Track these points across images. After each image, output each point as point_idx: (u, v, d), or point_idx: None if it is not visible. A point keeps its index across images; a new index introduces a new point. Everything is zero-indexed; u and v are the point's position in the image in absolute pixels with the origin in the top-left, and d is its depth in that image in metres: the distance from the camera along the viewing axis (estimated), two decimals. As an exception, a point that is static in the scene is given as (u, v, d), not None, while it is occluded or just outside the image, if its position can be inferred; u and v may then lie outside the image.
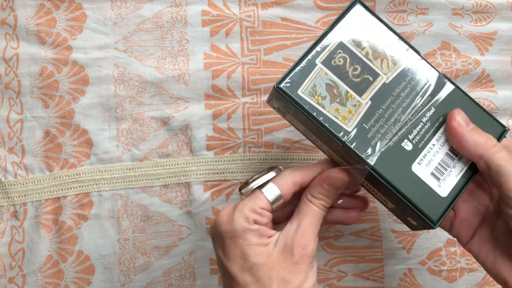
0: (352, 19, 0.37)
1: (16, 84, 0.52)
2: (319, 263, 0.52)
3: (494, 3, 0.53)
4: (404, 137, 0.36)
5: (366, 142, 0.35)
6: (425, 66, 0.37)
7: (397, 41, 0.38)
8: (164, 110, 0.52)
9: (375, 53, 0.36)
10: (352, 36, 0.36)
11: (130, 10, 0.52)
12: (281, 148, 0.53)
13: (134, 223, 0.52)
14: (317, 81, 0.35)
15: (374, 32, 0.37)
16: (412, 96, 0.36)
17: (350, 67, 0.36)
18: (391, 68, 0.36)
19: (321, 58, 0.36)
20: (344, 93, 0.35)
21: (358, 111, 0.35)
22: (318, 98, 0.35)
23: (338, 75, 0.36)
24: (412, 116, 0.36)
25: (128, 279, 0.52)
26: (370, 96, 0.36)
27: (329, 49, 0.36)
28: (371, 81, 0.36)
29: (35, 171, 0.52)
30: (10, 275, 0.51)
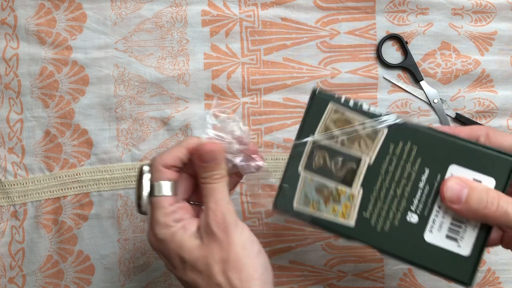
0: (316, 111, 0.36)
1: (16, 84, 0.52)
2: (319, 263, 0.52)
3: (494, 3, 0.53)
4: (407, 210, 0.35)
5: (372, 230, 0.35)
6: (404, 126, 0.35)
7: (362, 114, 0.36)
8: (164, 110, 0.52)
9: (349, 138, 0.35)
10: (322, 130, 0.36)
11: (130, 10, 0.52)
12: (281, 148, 0.53)
13: (134, 223, 0.52)
14: (307, 189, 0.36)
15: (338, 116, 0.36)
16: (401, 166, 0.35)
17: (331, 162, 0.36)
18: (369, 146, 0.35)
19: (302, 165, 0.36)
20: (334, 191, 0.36)
21: (353, 203, 0.35)
22: (313, 205, 0.36)
23: (323, 175, 0.36)
24: (407, 186, 0.35)
25: (128, 279, 0.52)
26: (360, 183, 0.35)
27: (305, 153, 0.36)
28: (355, 168, 0.35)
29: (35, 171, 0.52)
30: (10, 275, 0.51)
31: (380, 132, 0.35)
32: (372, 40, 0.53)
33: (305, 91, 0.53)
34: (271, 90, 0.53)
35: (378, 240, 0.35)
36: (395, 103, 0.53)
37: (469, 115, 0.53)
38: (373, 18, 0.53)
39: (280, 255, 0.52)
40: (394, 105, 0.53)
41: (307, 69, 0.53)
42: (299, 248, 0.52)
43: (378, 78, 0.53)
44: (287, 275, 0.52)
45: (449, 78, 0.53)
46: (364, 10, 0.53)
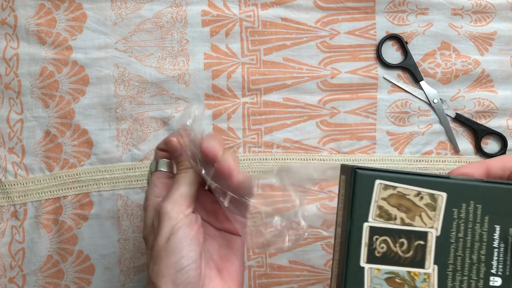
0: (362, 193, 0.31)
1: (16, 84, 0.52)
2: (318, 263, 0.52)
3: (494, 3, 0.53)
4: (488, 275, 0.31)
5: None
6: (460, 187, 0.32)
7: (419, 183, 0.32)
8: (164, 110, 0.52)
9: (408, 214, 0.31)
10: (376, 212, 0.31)
11: (130, 10, 0.52)
12: (281, 148, 0.53)
13: (134, 223, 0.52)
14: (376, 283, 0.30)
15: (390, 192, 0.31)
16: (470, 229, 0.32)
17: (396, 246, 0.31)
18: (432, 217, 0.31)
19: (364, 258, 0.31)
20: (407, 276, 0.31)
21: (431, 284, 0.31)
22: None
23: (390, 262, 0.31)
24: (482, 250, 0.32)
25: (128, 279, 0.52)
26: (433, 261, 0.31)
27: (364, 243, 0.31)
28: (423, 244, 0.31)
29: (35, 171, 0.52)
30: (10, 275, 0.51)
31: (440, 199, 0.31)
32: (372, 40, 0.53)
33: (305, 91, 0.53)
34: (271, 90, 0.53)
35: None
36: (395, 103, 0.53)
37: (469, 115, 0.53)
38: (373, 18, 0.53)
39: (280, 255, 0.52)
40: (394, 105, 0.53)
41: (307, 69, 0.53)
42: (299, 248, 0.52)
43: (378, 78, 0.53)
44: (287, 275, 0.52)
45: (449, 78, 0.53)
46: (364, 10, 0.53)
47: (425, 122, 0.53)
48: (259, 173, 0.48)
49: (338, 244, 0.32)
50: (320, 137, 0.53)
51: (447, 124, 0.53)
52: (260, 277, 0.52)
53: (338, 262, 0.31)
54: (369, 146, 0.53)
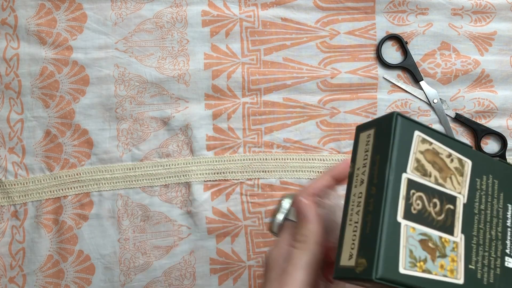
0: (402, 141, 0.29)
1: (17, 84, 0.52)
2: (319, 263, 0.52)
3: (493, 3, 0.53)
4: (504, 255, 0.31)
5: (480, 285, 0.30)
6: (481, 158, 0.31)
7: (449, 144, 0.31)
8: (164, 110, 0.52)
9: (442, 174, 0.30)
10: (414, 165, 0.29)
11: (131, 10, 0.52)
12: (281, 148, 0.53)
13: (134, 223, 0.52)
14: (411, 244, 0.27)
15: (427, 147, 0.30)
16: (490, 204, 0.31)
17: (430, 205, 0.29)
18: (461, 182, 0.30)
19: (401, 212, 0.28)
20: (439, 241, 0.29)
21: (459, 254, 0.29)
22: (421, 265, 0.28)
23: (424, 223, 0.28)
24: (499, 226, 0.31)
25: (128, 278, 0.52)
26: (460, 229, 0.30)
27: (402, 196, 0.28)
28: (453, 210, 0.30)
29: (36, 171, 0.52)
30: (10, 275, 0.51)
31: (466, 165, 0.30)
32: (372, 40, 0.53)
33: (305, 91, 0.53)
34: (271, 90, 0.53)
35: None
36: (395, 103, 0.53)
37: (469, 115, 0.53)
38: (373, 18, 0.53)
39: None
40: (394, 105, 0.53)
41: (307, 69, 0.53)
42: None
43: (378, 78, 0.53)
44: (287, 275, 0.52)
45: (448, 78, 0.53)
46: (364, 11, 0.53)
47: (425, 122, 0.53)
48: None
49: (363, 203, 0.29)
50: (320, 137, 0.53)
51: (447, 124, 0.53)
52: (260, 277, 0.52)
53: (370, 218, 0.28)
54: (369, 146, 0.53)
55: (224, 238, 0.52)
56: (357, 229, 0.29)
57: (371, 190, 0.29)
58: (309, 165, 0.52)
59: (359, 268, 0.27)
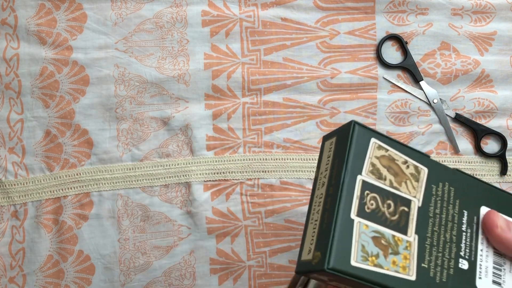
0: (358, 146, 0.31)
1: (17, 84, 0.52)
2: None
3: (493, 3, 0.53)
4: (458, 257, 0.32)
5: (433, 284, 0.31)
6: (439, 167, 0.33)
7: (406, 153, 0.33)
8: (164, 110, 0.52)
9: (397, 178, 0.32)
10: (369, 168, 0.31)
11: (131, 10, 0.52)
12: (281, 148, 0.53)
13: (134, 223, 0.52)
14: (363, 239, 0.29)
15: (382, 153, 0.32)
16: (445, 208, 0.33)
17: (384, 205, 0.31)
18: (416, 187, 0.32)
19: (354, 210, 0.30)
20: (392, 239, 0.30)
21: (411, 252, 0.31)
22: (373, 259, 0.29)
23: (378, 221, 0.30)
24: (454, 230, 0.32)
25: (128, 278, 0.52)
26: (414, 230, 0.31)
27: (356, 196, 0.30)
28: (407, 212, 0.31)
29: (36, 171, 0.52)
30: (10, 275, 0.51)
31: (422, 172, 0.32)
32: (372, 40, 0.53)
33: (305, 91, 0.53)
34: (271, 90, 0.53)
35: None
36: (394, 103, 0.53)
37: (469, 115, 0.53)
38: (373, 18, 0.53)
39: (280, 255, 0.52)
40: (394, 105, 0.53)
41: (307, 69, 0.53)
42: (299, 248, 0.52)
43: (378, 78, 0.53)
44: (287, 275, 0.52)
45: (448, 78, 0.53)
46: (364, 11, 0.53)
47: (425, 122, 0.53)
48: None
49: (322, 203, 0.31)
50: (320, 137, 0.53)
51: (447, 124, 0.53)
52: (260, 276, 0.52)
53: (327, 215, 0.30)
54: (369, 146, 0.53)
55: (224, 238, 0.52)
56: (316, 226, 0.31)
57: (329, 190, 0.31)
58: (309, 165, 0.52)
59: (314, 261, 0.29)
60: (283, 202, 0.52)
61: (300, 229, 0.52)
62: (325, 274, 0.29)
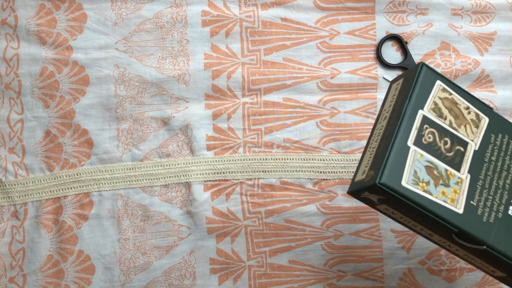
0: (424, 85, 0.33)
1: (17, 84, 0.52)
2: (318, 262, 0.52)
3: (493, 3, 0.53)
4: (509, 204, 0.33)
5: (479, 221, 0.32)
6: (501, 120, 0.35)
7: (466, 98, 0.35)
8: (164, 110, 0.52)
9: (457, 120, 0.33)
10: (431, 106, 0.33)
11: (131, 10, 0.52)
12: (281, 148, 0.53)
13: (134, 223, 0.52)
14: (416, 166, 0.32)
15: (446, 96, 0.34)
16: (501, 158, 0.34)
17: (441, 141, 0.33)
18: (475, 132, 0.34)
19: (412, 139, 0.32)
20: (444, 172, 0.32)
21: (462, 188, 0.32)
22: (423, 185, 0.32)
23: (433, 153, 0.32)
24: (508, 179, 0.33)
25: (128, 278, 0.52)
26: (467, 169, 0.33)
27: (415, 127, 0.32)
28: (463, 152, 0.33)
29: (36, 171, 0.52)
30: (10, 275, 0.51)
31: (483, 120, 0.34)
32: (372, 40, 0.53)
33: (305, 91, 0.53)
34: (271, 90, 0.53)
35: (485, 232, 0.32)
36: (395, 103, 0.53)
37: (469, 115, 0.53)
38: (373, 19, 0.53)
39: (280, 255, 0.52)
40: (394, 105, 0.53)
41: (307, 69, 0.53)
42: (299, 248, 0.52)
43: (378, 78, 0.53)
44: (287, 275, 0.52)
45: (448, 78, 0.53)
46: (364, 11, 0.53)
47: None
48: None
49: (381, 133, 0.33)
50: (320, 137, 0.53)
51: None
52: (260, 276, 0.52)
53: (384, 141, 0.32)
54: (369, 146, 0.53)
55: (224, 238, 0.52)
56: (373, 152, 0.33)
57: (390, 121, 0.33)
58: (309, 165, 0.52)
59: (367, 178, 0.32)
60: (283, 202, 0.52)
61: (300, 229, 0.52)
62: (376, 192, 0.31)
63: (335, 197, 0.52)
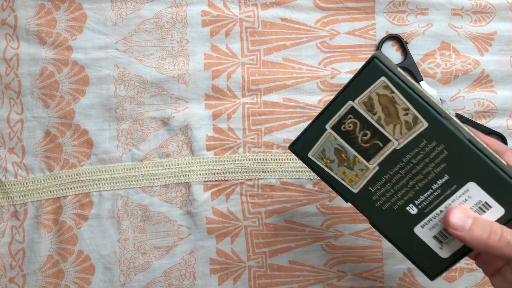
0: (366, 78, 0.34)
1: (17, 84, 0.52)
2: (318, 263, 0.52)
3: (493, 3, 0.53)
4: (410, 202, 0.35)
5: (370, 203, 0.36)
6: (445, 129, 0.34)
7: (413, 100, 0.34)
8: (164, 110, 0.52)
9: (387, 118, 0.34)
10: (365, 99, 0.35)
11: (130, 10, 0.52)
12: (281, 148, 0.53)
13: (134, 223, 0.52)
14: (327, 145, 0.36)
15: (385, 93, 0.34)
16: (424, 163, 0.34)
17: (360, 132, 0.35)
18: (404, 134, 0.34)
19: (331, 123, 0.36)
20: (352, 158, 0.36)
21: (365, 175, 0.36)
22: (327, 162, 0.36)
23: (347, 140, 0.36)
24: (421, 182, 0.35)
25: (128, 278, 0.52)
26: (378, 162, 0.35)
27: (339, 115, 0.35)
28: (380, 146, 0.35)
29: (35, 171, 0.52)
30: (10, 275, 0.51)
31: (420, 125, 0.34)
32: (371, 40, 0.53)
33: (305, 91, 0.53)
34: (271, 90, 0.53)
35: (372, 213, 0.36)
36: (395, 103, 0.53)
37: (469, 115, 0.53)
38: (373, 19, 0.53)
39: (280, 255, 0.52)
40: (394, 105, 0.53)
41: (307, 69, 0.53)
42: (299, 248, 0.52)
43: (378, 78, 0.53)
44: (287, 275, 0.52)
45: (448, 78, 0.53)
46: (364, 11, 0.53)
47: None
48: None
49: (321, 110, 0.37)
50: (320, 137, 0.53)
51: None
52: (260, 277, 0.52)
53: (314, 118, 0.36)
54: (369, 146, 0.53)
55: (224, 238, 0.52)
56: None
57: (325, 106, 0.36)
58: (309, 165, 0.52)
59: (291, 143, 0.37)
60: (283, 203, 0.52)
61: (300, 229, 0.52)
62: (292, 152, 0.37)
63: (335, 197, 0.52)
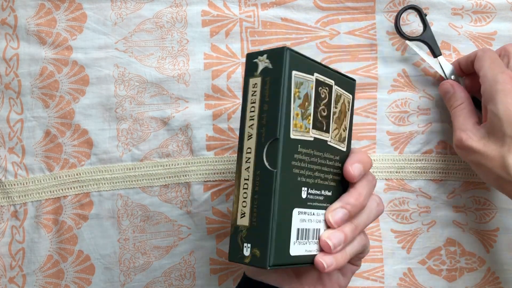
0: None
1: (16, 84, 0.52)
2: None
3: (494, 3, 0.53)
4: (307, 186, 0.36)
5: (289, 157, 0.35)
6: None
7: None
8: (164, 110, 0.52)
9: (337, 120, 0.40)
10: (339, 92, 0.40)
11: (130, 10, 0.52)
12: (281, 148, 0.53)
13: (134, 223, 0.52)
14: (305, 85, 0.36)
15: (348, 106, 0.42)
16: (329, 170, 0.39)
17: (323, 105, 0.38)
18: (335, 141, 0.40)
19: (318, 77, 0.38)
20: (307, 113, 0.37)
21: (303, 134, 0.36)
22: (296, 91, 0.36)
23: (315, 99, 0.37)
24: (321, 180, 0.38)
25: (128, 278, 0.52)
26: (315, 136, 0.37)
27: (325, 79, 0.39)
28: (323, 129, 0.38)
29: (35, 171, 0.52)
30: (10, 275, 0.51)
31: (342, 146, 0.41)
32: (372, 40, 0.53)
33: (305, 91, 0.53)
34: (271, 90, 0.53)
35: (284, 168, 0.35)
36: (394, 102, 0.53)
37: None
38: (373, 18, 0.53)
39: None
40: (394, 105, 0.53)
41: (307, 69, 0.53)
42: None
43: (377, 78, 0.53)
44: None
45: (449, 78, 0.53)
46: (364, 10, 0.53)
47: (425, 121, 0.53)
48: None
49: None
50: (320, 137, 0.53)
51: None
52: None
53: None
54: (369, 146, 0.53)
55: (224, 238, 0.52)
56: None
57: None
58: (309, 165, 0.52)
59: None
60: (283, 202, 0.52)
61: (300, 229, 0.52)
62: None
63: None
